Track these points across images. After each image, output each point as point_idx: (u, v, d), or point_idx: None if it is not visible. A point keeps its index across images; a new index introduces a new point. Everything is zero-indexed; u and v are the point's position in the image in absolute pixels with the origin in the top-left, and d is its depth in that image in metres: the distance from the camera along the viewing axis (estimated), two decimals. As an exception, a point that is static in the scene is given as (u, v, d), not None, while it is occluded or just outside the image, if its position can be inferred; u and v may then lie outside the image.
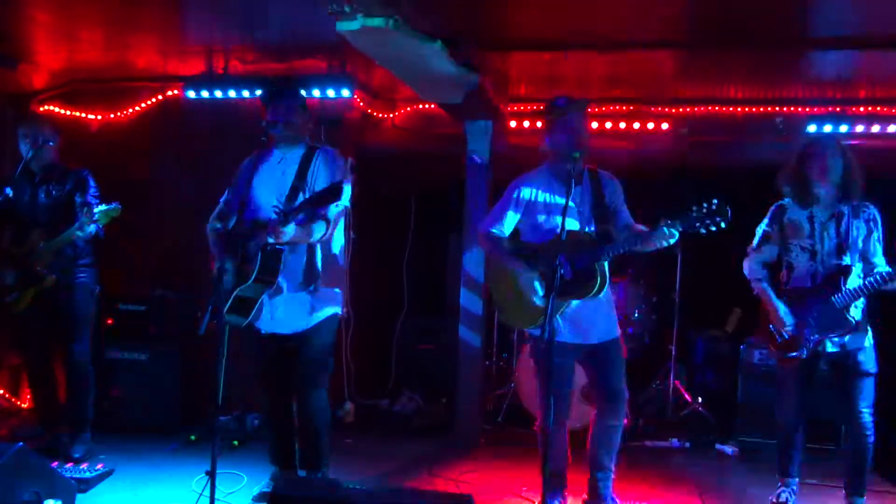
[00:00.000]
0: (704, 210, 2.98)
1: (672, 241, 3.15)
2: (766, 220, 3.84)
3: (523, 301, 3.44)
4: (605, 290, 3.35)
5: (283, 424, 3.76)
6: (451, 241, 6.35)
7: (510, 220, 3.58)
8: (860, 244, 3.63)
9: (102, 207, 4.08)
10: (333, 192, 3.16)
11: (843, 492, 3.74)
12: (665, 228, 3.09)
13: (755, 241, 3.86)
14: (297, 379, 3.59)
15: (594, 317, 3.46)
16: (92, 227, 4.10)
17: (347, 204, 3.51)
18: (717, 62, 4.85)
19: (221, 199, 3.74)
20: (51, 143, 4.33)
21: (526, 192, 3.56)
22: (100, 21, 4.54)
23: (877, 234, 3.65)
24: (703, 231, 3.01)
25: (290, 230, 3.30)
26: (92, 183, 4.39)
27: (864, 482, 3.67)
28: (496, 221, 3.60)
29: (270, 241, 3.33)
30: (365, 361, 5.78)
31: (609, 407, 3.55)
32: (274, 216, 3.32)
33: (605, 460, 3.60)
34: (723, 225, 2.96)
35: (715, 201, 2.97)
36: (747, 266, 3.85)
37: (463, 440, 5.05)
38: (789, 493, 3.85)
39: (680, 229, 3.07)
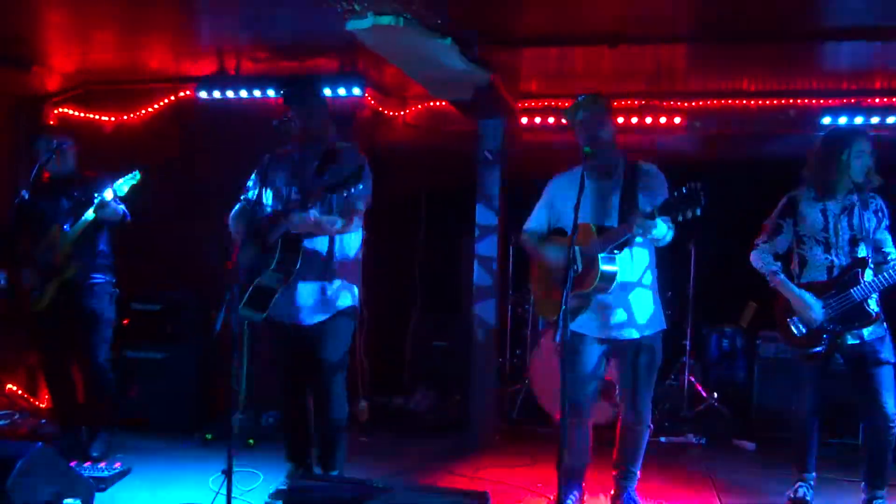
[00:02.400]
0: (677, 195, 2.86)
1: (658, 233, 3.10)
2: (776, 212, 3.80)
3: (550, 290, 3.46)
4: (613, 285, 3.26)
5: (300, 421, 3.78)
6: (464, 237, 6.35)
7: (542, 217, 3.63)
8: (872, 235, 3.61)
9: (122, 180, 4.15)
10: (354, 176, 3.18)
11: (863, 485, 3.68)
12: (640, 219, 3.02)
13: (765, 233, 3.81)
14: (314, 374, 3.60)
15: (616, 311, 3.40)
16: (121, 208, 4.20)
17: (369, 192, 3.52)
18: (729, 55, 4.81)
19: (242, 196, 3.76)
20: (66, 148, 4.36)
21: (553, 189, 3.60)
22: (113, 23, 4.57)
23: (885, 224, 3.64)
24: (679, 218, 2.89)
25: (312, 215, 3.31)
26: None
27: (885, 476, 3.62)
28: (531, 218, 3.67)
29: (291, 228, 3.35)
30: (379, 359, 5.78)
31: (628, 408, 3.53)
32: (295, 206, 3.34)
33: (628, 462, 3.58)
34: (697, 212, 2.81)
35: (689, 184, 2.80)
36: (757, 259, 3.79)
37: (478, 437, 5.05)
38: (807, 487, 3.82)
39: (658, 217, 2.97)
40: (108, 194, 4.14)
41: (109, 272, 4.46)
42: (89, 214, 4.17)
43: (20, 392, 5.50)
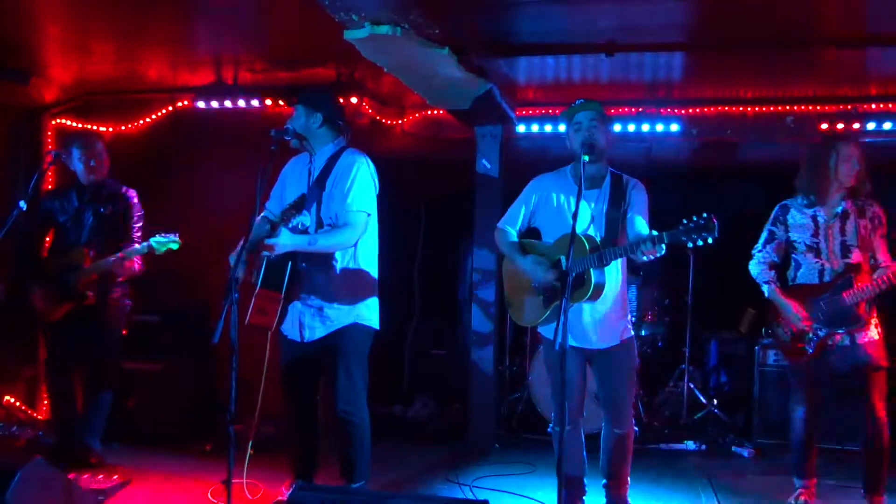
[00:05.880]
0: (692, 225, 2.92)
1: (659, 254, 3.07)
2: (769, 221, 3.88)
3: (527, 296, 3.48)
4: (601, 296, 3.28)
5: (306, 434, 3.73)
6: (463, 245, 6.35)
7: (521, 217, 3.58)
8: (865, 241, 3.65)
9: (161, 239, 4.15)
10: (296, 207, 3.20)
11: (862, 491, 3.70)
12: (649, 243, 3.01)
13: (760, 242, 3.90)
14: (322, 387, 3.59)
15: (594, 322, 3.40)
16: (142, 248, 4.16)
17: (365, 209, 3.51)
18: (726, 62, 4.82)
19: (266, 204, 3.75)
20: (103, 158, 4.35)
21: (538, 191, 3.55)
22: (111, 34, 4.58)
23: (880, 231, 3.69)
24: (689, 245, 2.94)
25: (283, 241, 3.27)
26: (137, 207, 4.47)
27: (883, 480, 3.64)
28: (508, 217, 3.62)
29: (266, 252, 3.32)
30: (378, 367, 5.75)
31: (610, 414, 3.52)
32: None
33: (615, 467, 3.55)
34: (709, 240, 2.89)
35: (704, 215, 2.90)
36: (754, 269, 3.89)
37: (477, 445, 5.05)
38: (808, 494, 3.82)
39: (666, 241, 2.99)
40: (146, 250, 4.14)
41: (125, 288, 4.50)
42: (112, 261, 4.14)
43: (18, 404, 5.49)
